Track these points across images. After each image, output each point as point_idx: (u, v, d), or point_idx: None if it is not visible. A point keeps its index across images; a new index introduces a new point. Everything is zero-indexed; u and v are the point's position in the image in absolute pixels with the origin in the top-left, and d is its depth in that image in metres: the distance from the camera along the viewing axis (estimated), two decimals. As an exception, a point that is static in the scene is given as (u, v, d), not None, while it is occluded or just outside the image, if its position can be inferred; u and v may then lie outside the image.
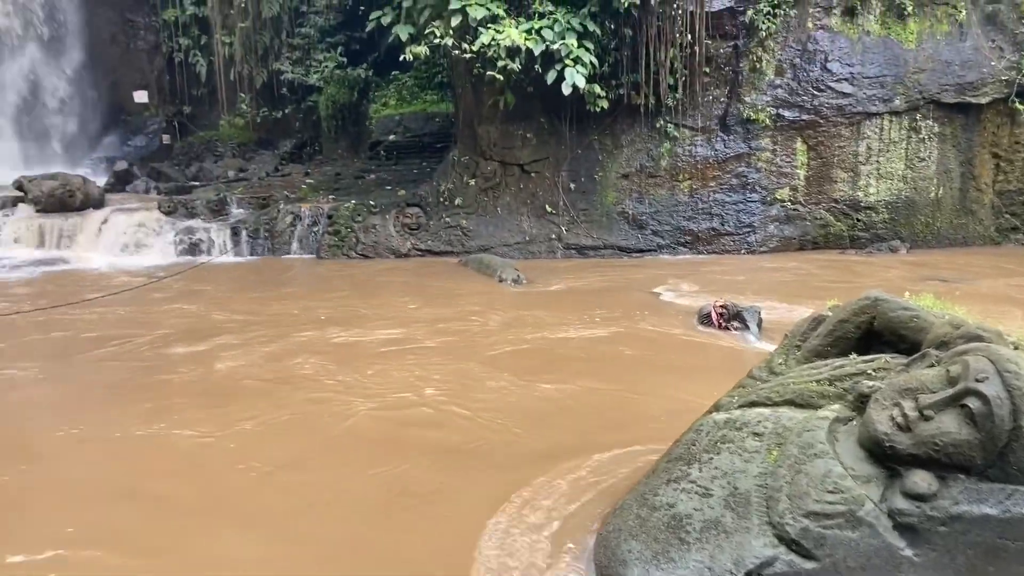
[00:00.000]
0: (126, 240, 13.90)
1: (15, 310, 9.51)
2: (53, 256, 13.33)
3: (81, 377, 6.95)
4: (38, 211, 14.19)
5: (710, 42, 12.48)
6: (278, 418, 5.64)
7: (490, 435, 5.24)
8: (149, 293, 10.67)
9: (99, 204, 14.90)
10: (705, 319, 8.18)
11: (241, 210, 15.03)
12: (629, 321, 8.48)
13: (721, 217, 12.89)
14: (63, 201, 14.30)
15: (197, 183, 18.28)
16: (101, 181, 17.24)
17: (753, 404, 3.82)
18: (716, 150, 12.89)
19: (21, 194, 14.51)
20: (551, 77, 11.47)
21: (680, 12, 12.20)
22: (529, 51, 11.34)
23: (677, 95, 12.66)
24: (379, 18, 12.86)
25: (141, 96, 23.51)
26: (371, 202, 14.07)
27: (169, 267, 12.74)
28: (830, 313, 4.16)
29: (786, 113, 12.69)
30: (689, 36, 12.31)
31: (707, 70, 12.65)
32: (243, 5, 21.29)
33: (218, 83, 22.70)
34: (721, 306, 8.13)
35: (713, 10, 12.30)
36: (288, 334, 8.09)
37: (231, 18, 21.86)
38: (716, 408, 4.01)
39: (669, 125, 12.85)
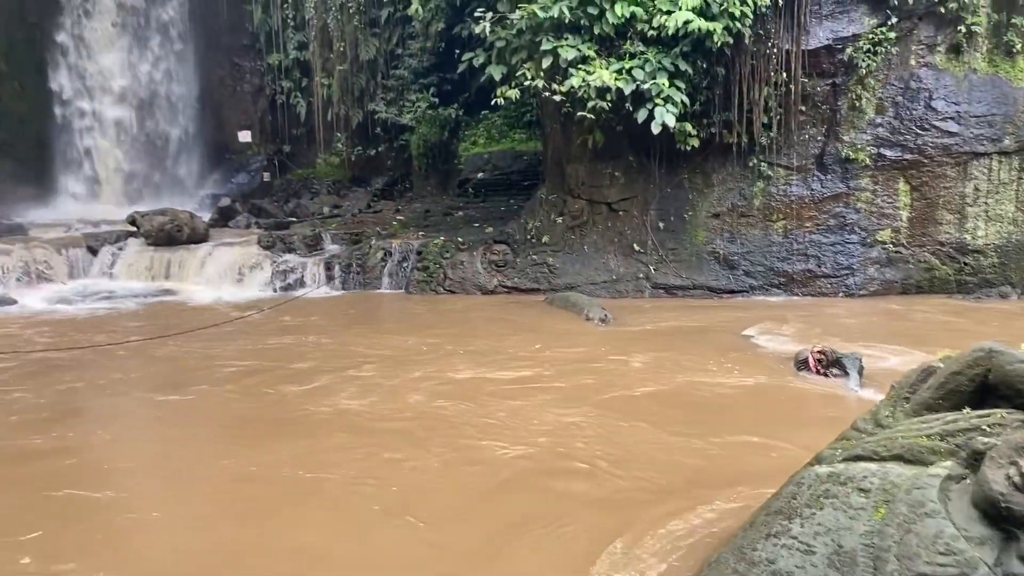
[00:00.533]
0: (228, 273, 14.51)
1: (126, 339, 10.03)
2: (161, 288, 14.03)
3: (207, 412, 7.04)
4: (149, 244, 15.00)
5: (807, 80, 12.23)
6: (426, 464, 5.51)
7: (612, 481, 5.17)
8: (253, 325, 11.08)
9: (204, 238, 15.63)
10: (802, 365, 7.90)
11: (335, 245, 15.50)
12: (721, 365, 8.27)
13: (817, 258, 12.50)
14: (171, 235, 15.07)
15: (294, 219, 18.98)
16: (206, 216, 18.11)
17: (858, 458, 3.64)
18: (812, 189, 12.55)
19: (134, 228, 15.38)
20: (641, 116, 11.45)
21: (775, 50, 12.03)
22: (619, 90, 11.37)
23: (771, 133, 12.43)
24: (471, 59, 13.15)
25: (245, 136, 24.71)
26: (459, 239, 14.28)
27: (267, 300, 13.21)
28: (941, 364, 3.94)
29: (887, 152, 12.26)
30: (784, 74, 12.10)
31: (803, 108, 12.38)
32: (342, 49, 22.21)
33: (316, 123, 23.67)
34: (819, 352, 7.84)
35: (810, 48, 12.08)
36: (404, 370, 8.18)
37: (330, 62, 22.82)
38: (818, 460, 3.84)
39: (763, 164, 12.61)
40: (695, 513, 4.48)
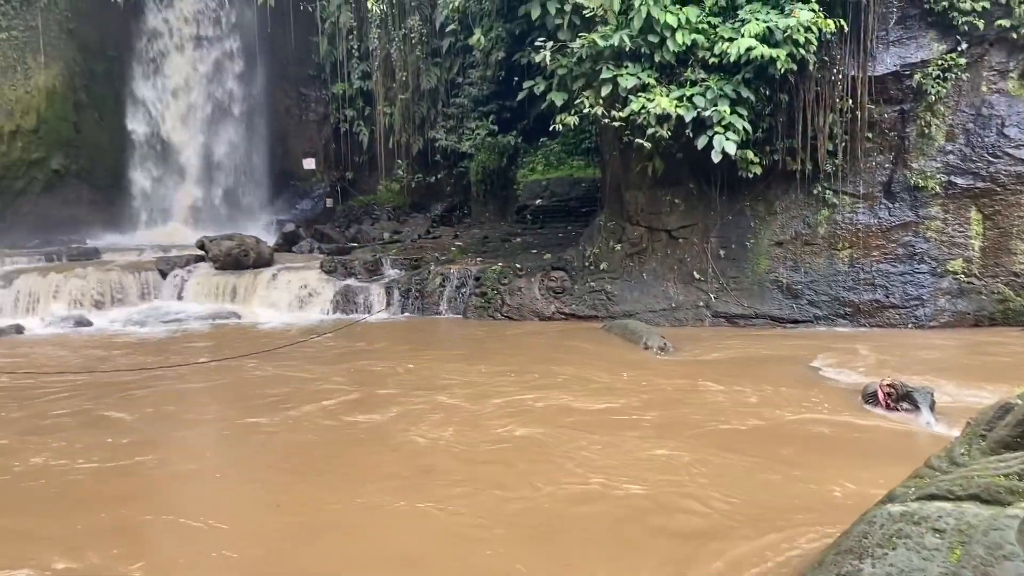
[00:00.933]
0: (291, 297, 14.84)
1: (195, 360, 10.33)
2: (227, 310, 14.43)
3: (290, 438, 6.95)
4: (216, 268, 15.46)
5: (873, 107, 11.99)
6: (536, 503, 5.29)
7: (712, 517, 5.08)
8: (319, 348, 11.28)
9: (269, 263, 16.04)
10: (871, 399, 7.66)
11: (395, 271, 15.73)
12: (785, 397, 8.08)
13: (885, 288, 12.15)
14: (238, 260, 15.51)
15: (356, 244, 19.35)
16: (271, 241, 18.60)
17: (932, 497, 3.51)
18: (880, 218, 12.25)
19: (203, 252, 15.88)
20: (702, 143, 11.37)
21: (840, 77, 11.84)
22: (680, 118, 11.32)
23: (836, 161, 12.20)
24: (532, 87, 13.28)
25: (309, 163, 25.39)
26: (517, 265, 14.34)
27: (329, 323, 13.46)
28: (1019, 401, 3.79)
29: (958, 180, 11.91)
30: (850, 101, 11.89)
31: (870, 135, 12.13)
32: (404, 79, 22.68)
33: (378, 150, 24.19)
34: (889, 385, 7.59)
35: (877, 74, 11.85)
36: (481, 397, 8.16)
37: (393, 91, 23.33)
38: (890, 499, 3.71)
39: (828, 191, 12.37)
40: (761, 551, 4.36)
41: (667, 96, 11.42)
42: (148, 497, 5.65)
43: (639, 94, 11.55)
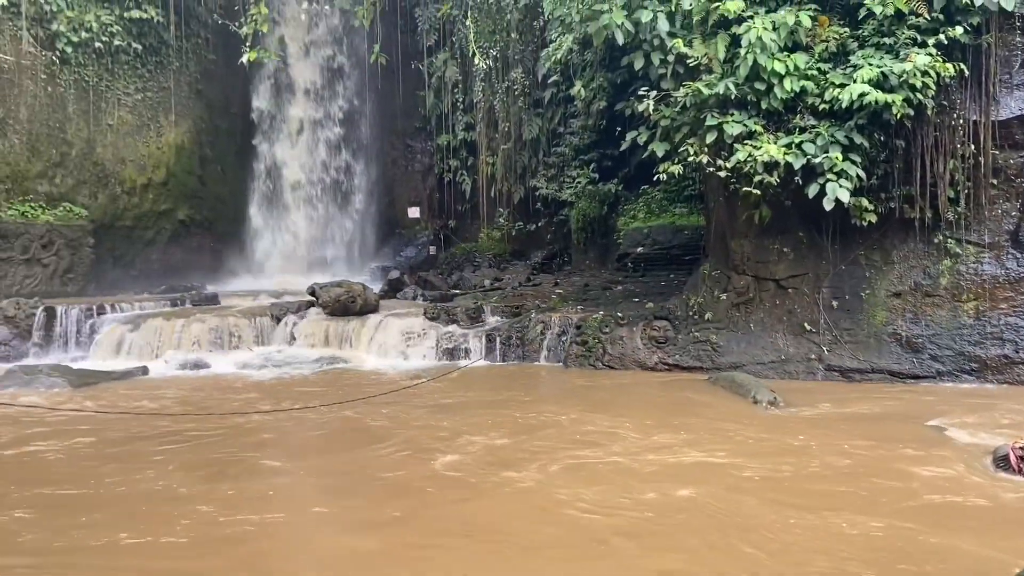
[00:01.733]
0: (396, 343, 15.18)
1: (309, 404, 10.65)
2: (335, 355, 14.87)
3: (438, 498, 6.68)
4: (326, 314, 16.00)
5: (998, 152, 11.38)
6: None
7: None
8: (426, 394, 11.43)
9: (375, 309, 16.48)
10: (1002, 462, 7.12)
11: (496, 318, 15.87)
12: (908, 458, 7.61)
13: (1015, 343, 11.36)
14: (346, 306, 16.02)
15: (458, 291, 19.67)
16: (377, 288, 19.13)
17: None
18: (1007, 268, 11.52)
19: (313, 299, 16.49)
20: (812, 191, 11.06)
21: (961, 122, 11.32)
22: (788, 165, 11.06)
23: (959, 208, 11.61)
24: (635, 138, 13.29)
25: (414, 212, 26.18)
26: (618, 314, 14.21)
27: (432, 369, 13.67)
28: None
29: (1096, 227, 11.10)
30: (972, 146, 11.33)
31: (995, 182, 11.50)
32: (507, 129, 23.18)
33: (480, 199, 24.71)
34: (1022, 448, 7.05)
35: (1001, 119, 11.27)
36: (602, 449, 7.99)
37: (495, 141, 23.86)
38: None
39: (950, 240, 11.76)
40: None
41: (775, 143, 11.20)
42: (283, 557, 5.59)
43: (745, 142, 11.37)
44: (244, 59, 14.26)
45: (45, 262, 18.28)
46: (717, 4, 11.27)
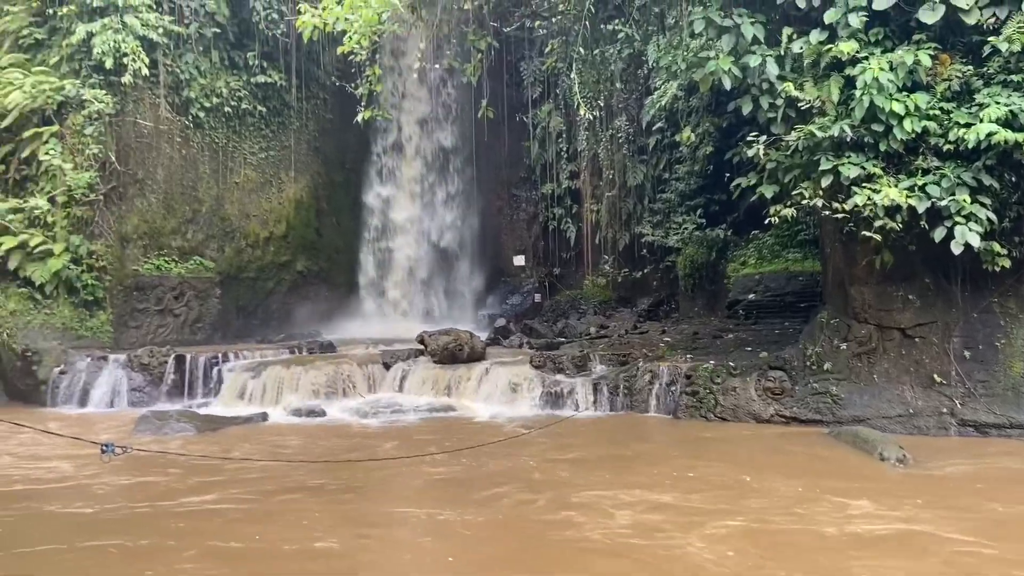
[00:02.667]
0: (502, 391, 15.24)
1: (426, 452, 10.77)
2: (443, 403, 15.07)
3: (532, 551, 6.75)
4: (434, 362, 16.28)
5: None
6: None
7: None
8: (536, 443, 11.39)
9: (481, 357, 16.65)
10: None
11: (602, 366, 15.71)
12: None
13: None
14: (454, 354, 16.26)
15: (563, 339, 19.62)
16: (484, 335, 19.35)
17: None
18: None
19: (422, 347, 16.83)
20: (939, 235, 10.49)
21: (1105, 158, 10.54)
22: (911, 208, 10.56)
23: (1104, 251, 10.76)
24: (742, 184, 13.02)
25: (519, 260, 26.48)
26: (730, 363, 13.80)
27: (539, 418, 13.63)
28: None
29: None
30: (1119, 184, 10.52)
31: None
32: (611, 177, 23.25)
33: (584, 246, 24.77)
34: None
35: None
36: (743, 510, 7.74)
37: (599, 188, 23.96)
38: None
39: (1094, 285, 10.89)
40: None
41: (895, 186, 10.73)
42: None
43: (864, 184, 10.95)
44: (359, 118, 14.93)
45: (177, 312, 19.47)
46: (830, 46, 11.00)
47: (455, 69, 24.48)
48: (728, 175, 18.68)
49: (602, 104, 22.41)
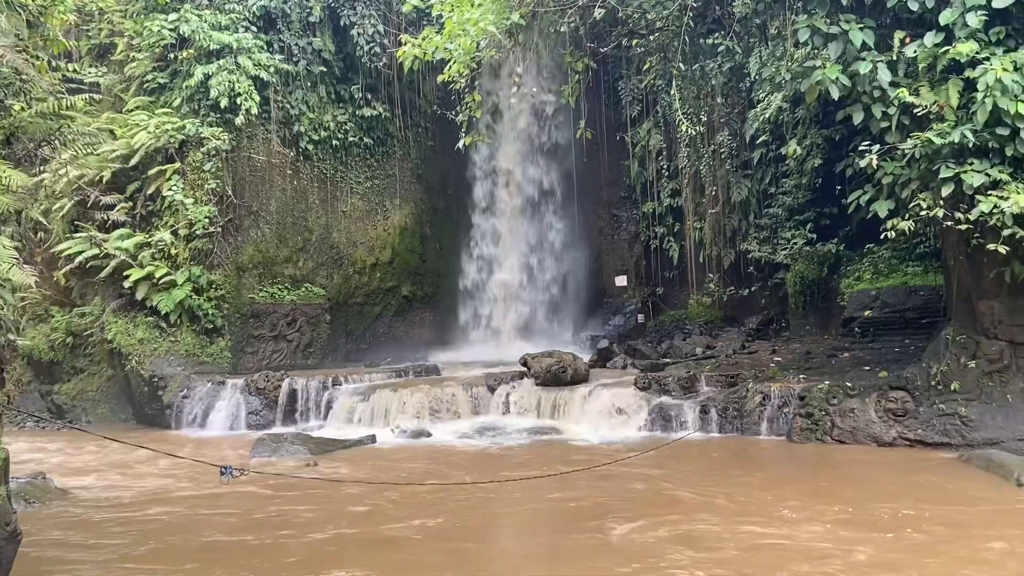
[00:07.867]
0: (607, 414, 15.05)
1: (545, 473, 10.68)
2: (546, 425, 15.02)
3: None
4: (537, 384, 16.26)
5: None
6: None
7: None
8: (645, 466, 11.17)
9: (584, 379, 16.51)
10: None
11: (710, 388, 15.27)
12: None
13: None
14: (557, 376, 16.20)
15: (668, 360, 19.22)
16: (586, 357, 19.19)
17: None
18: None
19: (525, 369, 16.85)
20: (1078, 244, 9.72)
21: None
22: (1044, 216, 9.83)
23: None
24: (859, 198, 12.43)
25: (621, 280, 26.20)
26: (847, 383, 13.16)
27: (645, 441, 13.37)
28: None
29: None
30: None
31: None
32: (714, 193, 22.72)
33: (688, 265, 24.25)
34: None
35: None
36: (884, 542, 7.53)
37: (702, 205, 23.44)
38: None
39: None
40: None
41: (1025, 193, 10.02)
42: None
43: (989, 192, 10.28)
44: (460, 144, 15.19)
45: (289, 338, 20.26)
46: (946, 48, 10.42)
47: (554, 92, 24.66)
48: (839, 187, 17.96)
49: (703, 119, 22.04)
